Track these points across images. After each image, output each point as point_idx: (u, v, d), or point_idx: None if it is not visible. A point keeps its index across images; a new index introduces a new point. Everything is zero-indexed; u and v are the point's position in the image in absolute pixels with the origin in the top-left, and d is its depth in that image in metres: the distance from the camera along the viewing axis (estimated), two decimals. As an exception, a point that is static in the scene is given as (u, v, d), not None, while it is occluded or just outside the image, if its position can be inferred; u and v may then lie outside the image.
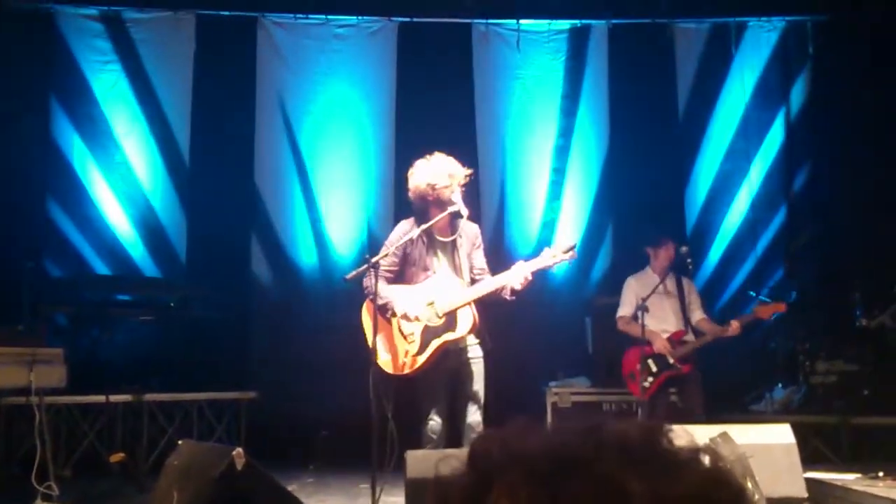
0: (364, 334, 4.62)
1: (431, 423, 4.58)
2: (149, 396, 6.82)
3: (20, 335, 5.24)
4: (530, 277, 4.50)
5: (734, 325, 5.94)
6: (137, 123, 8.30)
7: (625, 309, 6.30)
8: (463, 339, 4.58)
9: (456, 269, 4.66)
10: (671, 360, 5.97)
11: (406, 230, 4.69)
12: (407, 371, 4.54)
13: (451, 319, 4.54)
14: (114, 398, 6.55)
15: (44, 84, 8.16)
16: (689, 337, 6.13)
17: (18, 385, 5.26)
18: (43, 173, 8.13)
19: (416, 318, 4.53)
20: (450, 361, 4.62)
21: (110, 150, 8.23)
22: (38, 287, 7.07)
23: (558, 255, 4.53)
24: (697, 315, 6.26)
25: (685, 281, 6.37)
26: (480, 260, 4.75)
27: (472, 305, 4.55)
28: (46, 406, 5.54)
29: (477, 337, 4.65)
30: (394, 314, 4.54)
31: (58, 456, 6.14)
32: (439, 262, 4.67)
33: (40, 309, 6.60)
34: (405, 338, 4.56)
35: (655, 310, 6.05)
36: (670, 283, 6.26)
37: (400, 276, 4.68)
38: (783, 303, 6.27)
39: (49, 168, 8.13)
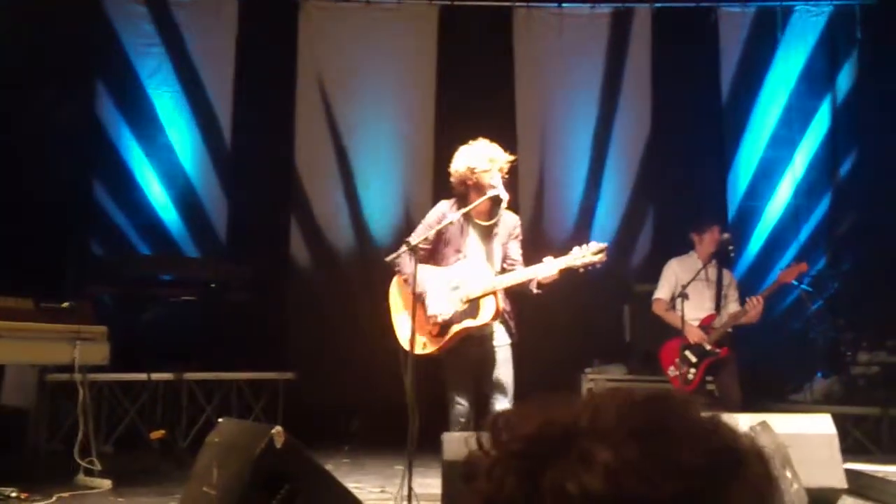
0: (389, 310, 4.66)
1: (458, 407, 4.59)
2: (189, 375, 6.93)
3: (66, 313, 5.33)
4: (556, 275, 4.42)
5: (753, 301, 5.78)
6: (181, 106, 8.39)
7: (662, 291, 6.20)
8: (486, 326, 4.55)
9: (488, 256, 4.62)
10: (708, 347, 5.87)
11: (444, 210, 4.68)
12: (424, 351, 4.52)
13: (473, 306, 4.51)
14: (155, 376, 6.66)
15: (90, 68, 8.27)
16: (721, 320, 6.00)
17: (63, 362, 5.38)
18: (88, 155, 8.25)
19: (443, 321, 4.52)
20: (473, 347, 4.60)
21: (154, 132, 8.34)
22: (83, 266, 7.21)
23: (587, 256, 4.39)
24: (732, 307, 6.10)
25: (726, 273, 6.26)
26: (515, 251, 4.70)
27: (497, 294, 4.52)
28: (89, 383, 5.65)
29: (503, 324, 4.63)
30: (422, 304, 4.51)
31: (99, 432, 6.27)
32: (473, 247, 4.64)
33: (85, 288, 6.72)
34: (427, 319, 4.55)
35: (694, 296, 5.95)
36: (712, 271, 6.14)
37: (432, 254, 4.67)
38: (804, 262, 6.07)
39: (94, 150, 8.25)
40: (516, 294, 4.65)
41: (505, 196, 4.59)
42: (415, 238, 4.57)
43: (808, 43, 8.38)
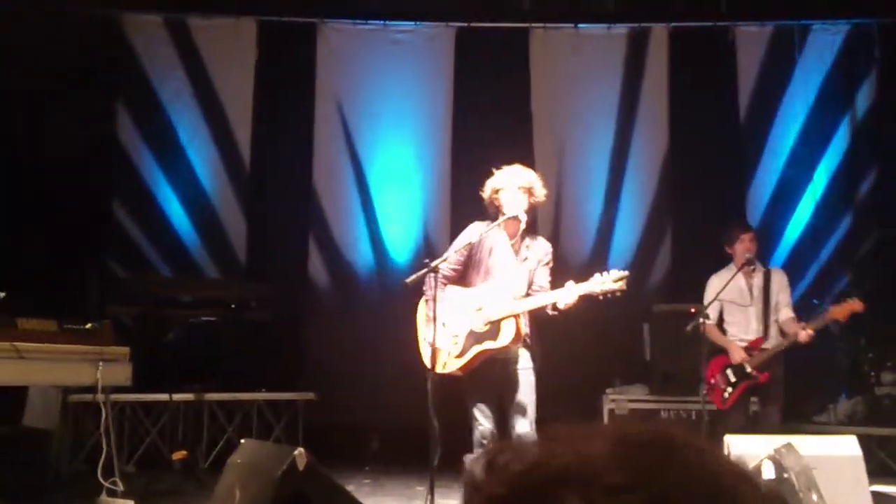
0: (416, 330, 4.69)
1: (480, 428, 4.60)
2: (210, 396, 6.95)
3: (89, 334, 5.36)
4: (574, 300, 4.44)
5: (804, 332, 5.60)
6: (200, 128, 8.46)
7: (709, 313, 5.87)
8: (507, 349, 4.56)
9: (516, 279, 4.65)
10: (748, 369, 5.73)
11: (476, 230, 4.72)
12: (444, 371, 4.55)
13: (494, 328, 4.54)
14: (176, 397, 6.69)
15: (110, 89, 8.36)
16: (770, 343, 5.82)
17: (86, 382, 5.40)
18: (109, 176, 8.33)
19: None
20: (496, 370, 4.61)
21: (174, 153, 8.41)
22: (104, 287, 7.26)
23: (607, 284, 4.44)
24: (784, 314, 5.87)
25: (776, 276, 6.00)
26: (542, 278, 4.71)
27: (520, 318, 4.54)
28: (112, 403, 5.67)
29: (527, 349, 4.65)
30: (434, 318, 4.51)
31: (122, 452, 6.28)
32: (500, 270, 4.67)
33: (106, 308, 6.76)
34: (450, 338, 4.59)
35: (736, 317, 5.86)
36: (757, 279, 5.91)
37: (463, 275, 4.71)
38: (860, 300, 5.66)
39: (115, 171, 8.33)
40: (536, 317, 4.66)
41: (522, 217, 4.62)
42: (438, 260, 4.60)
43: (826, 62, 8.36)
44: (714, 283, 5.97)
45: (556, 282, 4.64)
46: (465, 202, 5.17)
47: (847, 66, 8.35)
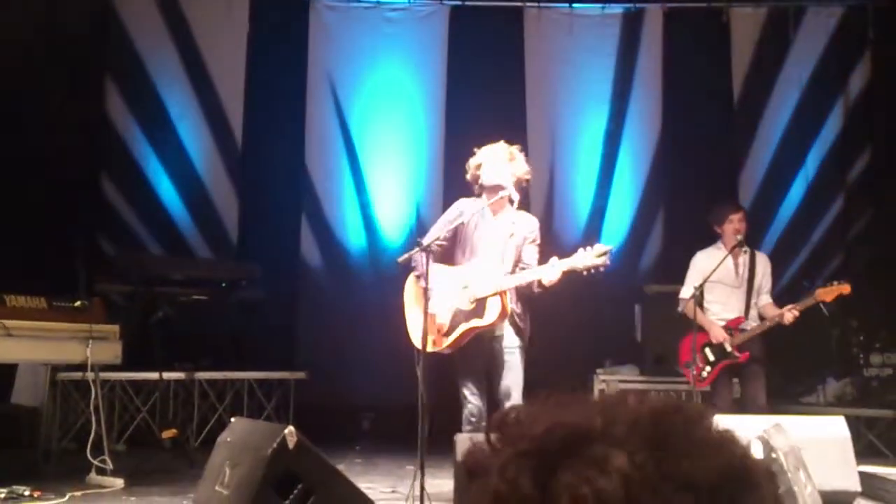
0: (403, 307, 4.73)
1: (470, 406, 4.64)
2: (200, 374, 6.94)
3: (78, 311, 5.33)
4: (559, 277, 4.45)
5: (788, 313, 5.60)
6: (191, 104, 8.39)
7: (686, 290, 5.91)
8: (494, 326, 4.58)
9: (502, 257, 4.66)
10: (729, 349, 5.72)
11: (462, 209, 4.74)
12: (432, 349, 4.55)
13: (480, 306, 4.56)
14: (166, 375, 6.67)
15: (100, 64, 8.27)
16: (749, 324, 5.82)
17: (75, 360, 5.39)
18: (98, 152, 8.26)
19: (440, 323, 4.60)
20: (484, 347, 4.64)
21: (164, 130, 8.34)
22: (94, 264, 7.22)
23: (590, 259, 4.43)
24: (764, 298, 5.89)
25: (761, 260, 5.98)
26: (530, 255, 4.73)
27: (506, 295, 4.54)
28: (101, 382, 5.66)
29: (512, 326, 4.65)
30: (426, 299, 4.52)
31: (111, 431, 6.28)
32: (485, 247, 4.68)
33: (96, 286, 6.73)
34: (437, 317, 4.60)
35: (721, 295, 5.84)
36: (742, 260, 5.88)
37: (448, 252, 4.73)
38: (847, 284, 5.64)
39: (104, 147, 8.26)
40: (524, 295, 4.67)
41: (515, 197, 4.66)
42: (428, 238, 4.62)
43: (820, 43, 8.34)
44: (700, 259, 5.96)
45: (547, 260, 4.62)
46: (457, 181, 5.17)
47: (841, 48, 8.34)
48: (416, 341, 4.53)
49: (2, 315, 4.96)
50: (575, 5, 8.52)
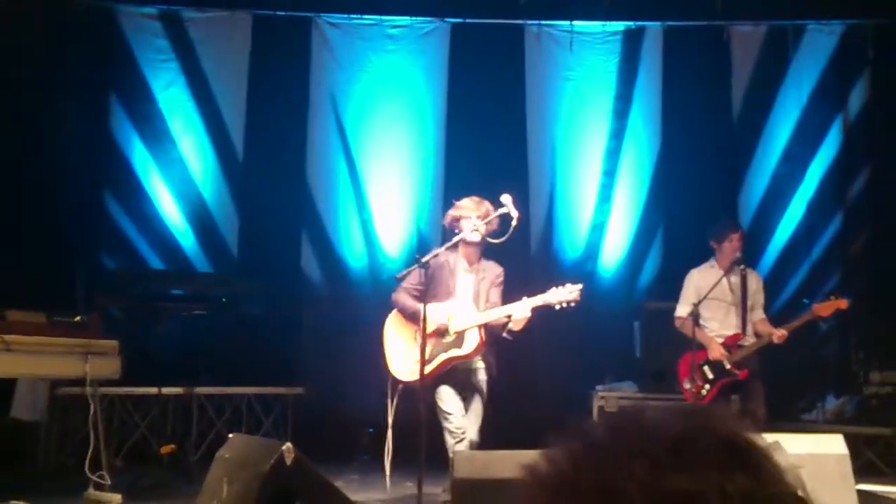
0: (383, 345, 5.33)
1: (453, 419, 5.05)
2: (199, 389, 6.93)
3: (77, 326, 5.34)
4: (530, 314, 4.95)
5: (778, 333, 5.61)
6: (193, 121, 8.44)
7: (682, 308, 5.93)
8: (470, 357, 5.11)
9: (475, 296, 5.23)
10: (727, 366, 5.71)
11: (443, 255, 5.21)
12: (411, 378, 5.02)
13: (459, 338, 5.10)
14: (165, 391, 6.67)
15: (104, 81, 8.32)
16: (747, 340, 5.81)
17: (74, 375, 5.38)
18: (101, 169, 8.29)
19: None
20: (459, 377, 5.16)
21: (167, 147, 8.38)
22: (94, 280, 7.23)
23: (563, 294, 4.93)
24: (757, 315, 5.90)
25: (752, 277, 6.00)
26: (496, 297, 5.27)
27: (481, 329, 5.07)
28: (100, 397, 5.66)
29: (483, 361, 5.21)
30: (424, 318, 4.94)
31: (110, 446, 6.26)
32: (461, 288, 5.25)
33: (96, 301, 6.73)
34: (417, 347, 4.97)
35: (718, 312, 5.85)
36: (735, 279, 5.89)
37: (426, 295, 5.02)
38: (844, 299, 5.65)
39: (107, 164, 8.30)
40: (494, 336, 5.18)
41: (472, 238, 5.16)
42: (431, 256, 4.99)
43: (819, 61, 8.37)
44: (694, 277, 6.01)
45: (541, 288, 5.09)
46: (457, 198, 5.28)
47: (840, 67, 8.36)
48: (397, 372, 5.17)
49: (1, 330, 4.97)
50: (575, 23, 8.56)
